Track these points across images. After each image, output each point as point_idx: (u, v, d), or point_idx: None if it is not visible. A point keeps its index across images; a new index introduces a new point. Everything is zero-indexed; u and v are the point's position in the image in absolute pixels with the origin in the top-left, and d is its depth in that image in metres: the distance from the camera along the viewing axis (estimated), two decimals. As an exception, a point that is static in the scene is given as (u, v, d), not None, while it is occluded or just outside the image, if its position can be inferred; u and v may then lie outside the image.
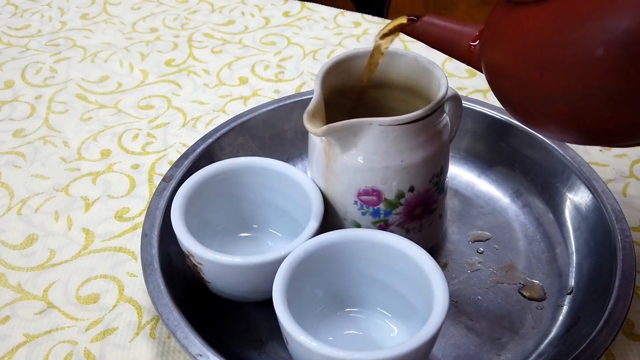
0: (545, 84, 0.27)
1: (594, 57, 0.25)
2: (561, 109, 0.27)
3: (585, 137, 0.28)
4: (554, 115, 0.28)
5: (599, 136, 0.28)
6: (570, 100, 0.26)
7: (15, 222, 0.48)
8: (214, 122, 0.56)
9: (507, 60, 0.29)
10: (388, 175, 0.38)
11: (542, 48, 0.27)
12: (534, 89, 0.28)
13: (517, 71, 0.28)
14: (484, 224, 0.47)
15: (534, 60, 0.27)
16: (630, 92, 0.25)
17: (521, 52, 0.28)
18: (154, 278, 0.38)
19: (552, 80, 0.27)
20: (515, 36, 0.28)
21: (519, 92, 0.29)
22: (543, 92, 0.27)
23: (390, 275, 0.38)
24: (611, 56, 0.24)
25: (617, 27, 0.24)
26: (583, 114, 0.27)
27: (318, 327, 0.38)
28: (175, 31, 0.69)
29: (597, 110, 0.26)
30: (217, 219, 0.43)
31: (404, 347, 0.32)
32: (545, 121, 0.29)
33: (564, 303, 0.41)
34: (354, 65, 0.41)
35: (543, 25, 0.27)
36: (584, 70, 0.25)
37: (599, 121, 0.27)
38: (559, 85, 0.26)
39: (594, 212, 0.43)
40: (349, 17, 0.71)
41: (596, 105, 0.26)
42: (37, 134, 0.56)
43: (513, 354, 0.39)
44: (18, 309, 0.42)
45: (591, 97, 0.26)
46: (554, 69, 0.26)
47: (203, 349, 0.35)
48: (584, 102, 0.26)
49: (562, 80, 0.26)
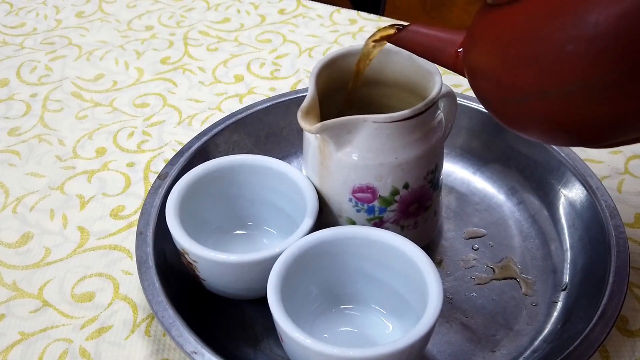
0: (521, 82, 0.27)
1: (565, 53, 0.25)
2: (538, 108, 0.27)
3: (566, 136, 0.28)
4: (531, 114, 0.28)
5: (579, 135, 0.28)
6: (546, 97, 0.26)
7: (11, 220, 0.48)
8: (210, 120, 0.56)
9: (484, 61, 0.29)
10: (382, 173, 0.38)
11: (515, 46, 0.27)
12: (510, 88, 0.28)
13: (493, 72, 0.29)
14: (479, 220, 0.47)
15: (508, 59, 0.27)
16: (603, 87, 0.25)
17: (496, 52, 0.28)
18: (149, 276, 0.38)
19: (526, 78, 0.27)
20: (490, 37, 0.28)
21: (497, 92, 0.29)
22: (519, 91, 0.27)
23: (385, 273, 0.38)
24: (581, 51, 0.25)
25: (586, 22, 0.24)
26: (559, 112, 0.27)
27: (313, 324, 0.39)
28: (171, 29, 0.69)
29: (572, 107, 0.26)
30: (212, 216, 0.43)
31: (399, 344, 0.32)
32: (524, 122, 0.29)
33: (558, 299, 0.41)
34: (349, 62, 0.41)
35: (515, 24, 0.27)
36: (557, 67, 0.26)
37: (576, 118, 0.27)
38: (533, 83, 0.27)
39: (588, 208, 0.43)
40: (345, 15, 0.71)
41: (571, 101, 0.26)
42: (32, 132, 0.56)
43: (508, 350, 0.39)
44: (13, 307, 0.42)
45: (566, 93, 0.26)
46: (527, 66, 0.27)
47: (198, 347, 0.35)
48: (559, 99, 0.26)
49: (536, 78, 0.26)
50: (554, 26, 0.25)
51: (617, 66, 0.24)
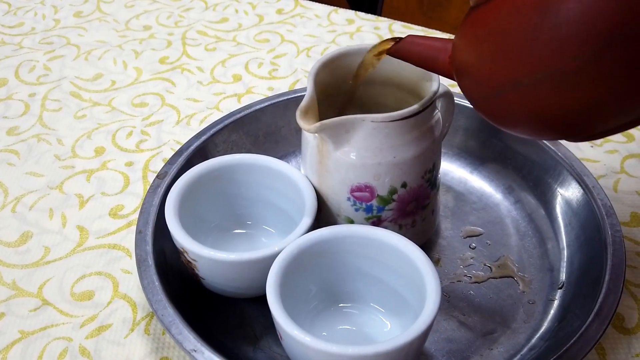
0: (495, 75, 0.28)
1: (532, 42, 0.26)
2: (513, 99, 0.28)
3: (545, 128, 0.29)
4: (508, 107, 0.29)
5: (556, 125, 0.28)
6: (518, 88, 0.27)
7: (10, 219, 0.48)
8: (208, 120, 0.57)
9: (465, 60, 0.31)
10: (380, 172, 0.38)
11: (487, 41, 0.28)
12: (487, 82, 0.29)
13: (472, 68, 0.30)
14: (476, 219, 0.47)
15: (483, 54, 0.29)
16: (569, 73, 0.26)
17: (474, 49, 0.30)
18: (149, 274, 0.39)
19: (499, 70, 0.28)
20: (469, 36, 0.30)
21: (477, 88, 0.30)
22: (494, 84, 0.29)
23: (383, 271, 0.38)
24: (546, 39, 0.26)
25: (548, 10, 0.25)
26: (533, 101, 0.28)
27: (312, 322, 0.39)
28: (169, 29, 0.69)
29: (544, 96, 0.27)
30: (211, 215, 0.44)
31: (397, 342, 0.32)
32: (505, 116, 0.30)
33: (555, 297, 0.42)
34: (347, 62, 0.41)
35: (488, 20, 0.28)
36: (525, 56, 0.27)
37: (549, 107, 0.27)
38: (506, 74, 0.28)
39: (584, 207, 0.43)
40: (343, 15, 0.71)
41: (542, 90, 0.27)
42: (31, 131, 0.56)
43: (505, 348, 0.39)
44: (13, 306, 0.42)
45: (536, 82, 0.27)
46: (499, 59, 0.28)
47: (197, 345, 0.35)
48: (531, 88, 0.27)
49: (508, 69, 0.28)
50: (520, 17, 0.26)
51: (580, 52, 0.25)
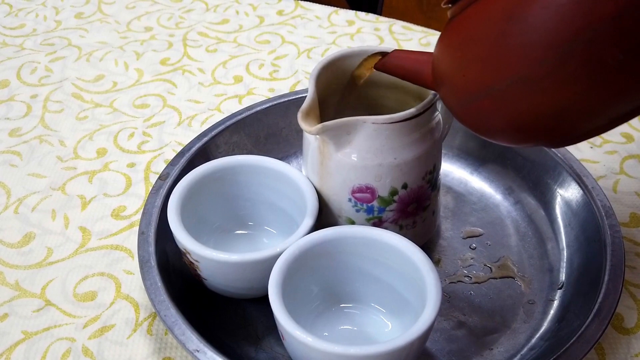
0: (468, 82, 0.29)
1: (501, 48, 0.27)
2: (486, 106, 0.29)
3: (521, 134, 0.29)
4: (483, 113, 0.29)
5: (532, 132, 0.29)
6: (491, 94, 0.28)
7: (12, 220, 0.48)
8: (209, 121, 0.57)
9: (442, 69, 0.31)
10: (381, 173, 0.38)
11: (460, 49, 0.29)
12: (461, 90, 0.30)
13: (448, 76, 0.31)
14: (476, 220, 0.47)
15: (457, 62, 0.29)
16: (538, 78, 0.26)
17: (448, 57, 0.30)
18: (151, 275, 0.39)
19: (472, 77, 0.29)
20: (445, 46, 0.31)
21: (453, 96, 0.31)
22: (468, 91, 0.29)
23: (384, 271, 0.39)
24: (513, 45, 0.26)
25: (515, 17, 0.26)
26: (506, 107, 0.28)
27: (313, 322, 0.39)
28: (170, 30, 0.69)
29: (515, 101, 0.28)
30: (213, 216, 0.44)
31: (397, 342, 0.32)
32: (480, 122, 0.30)
33: (554, 298, 0.42)
34: (348, 63, 0.41)
35: (460, 29, 0.29)
36: (495, 62, 0.27)
37: (521, 112, 0.28)
38: (478, 80, 0.28)
39: (584, 208, 0.44)
40: (343, 16, 0.71)
41: (513, 95, 0.27)
42: (33, 133, 0.56)
43: (505, 348, 0.40)
44: (16, 307, 0.42)
45: (506, 87, 0.27)
46: (472, 65, 0.29)
47: (200, 345, 0.35)
48: (502, 94, 0.28)
49: (480, 75, 0.28)
50: (489, 25, 0.27)
51: (546, 57, 0.26)
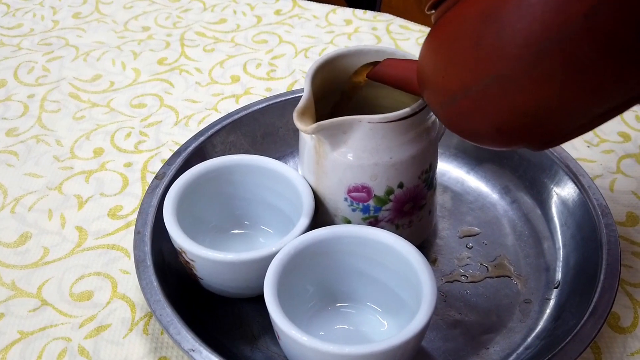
0: (447, 83, 0.29)
1: (478, 48, 0.27)
2: (465, 106, 0.29)
3: (501, 135, 0.30)
4: (462, 114, 0.30)
5: (511, 132, 0.29)
6: (469, 94, 0.28)
7: (9, 220, 0.48)
8: (206, 120, 0.57)
9: (424, 72, 0.32)
10: (377, 172, 0.38)
11: (440, 51, 0.30)
12: (442, 91, 0.30)
13: (430, 79, 0.31)
14: (473, 219, 0.47)
15: (437, 63, 0.30)
16: (515, 77, 0.27)
17: (430, 60, 0.31)
18: (147, 275, 0.39)
19: (451, 78, 0.29)
20: (427, 49, 0.31)
21: (435, 98, 0.31)
22: (448, 92, 0.30)
23: (380, 271, 0.39)
24: (490, 44, 0.27)
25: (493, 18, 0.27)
26: (484, 107, 0.29)
27: (309, 322, 0.39)
28: (168, 30, 0.69)
29: (493, 100, 0.28)
30: (209, 216, 0.44)
31: (393, 341, 0.32)
32: (461, 123, 0.31)
33: (550, 297, 0.42)
34: (344, 63, 0.41)
35: (441, 32, 0.30)
36: (472, 62, 0.28)
37: (500, 113, 0.28)
38: (457, 81, 0.29)
39: (580, 207, 0.44)
40: (341, 15, 0.71)
41: (491, 94, 0.28)
42: (30, 132, 0.56)
43: (501, 347, 0.40)
44: (12, 307, 0.42)
45: (484, 87, 0.28)
46: (450, 67, 0.29)
47: (196, 345, 0.35)
48: (480, 94, 0.28)
49: (458, 76, 0.29)
50: (466, 26, 0.28)
51: (521, 55, 0.26)
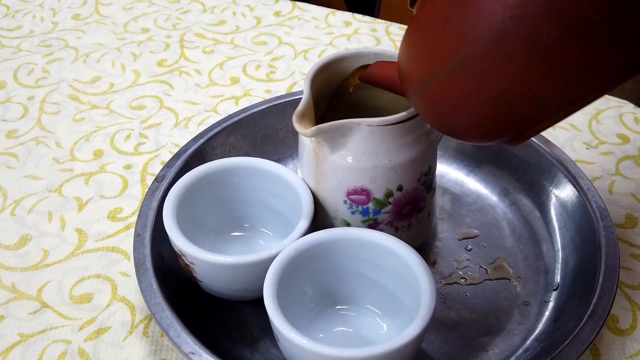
0: (418, 69, 0.30)
1: (444, 30, 0.28)
2: (435, 92, 0.30)
3: (472, 123, 0.30)
4: (433, 101, 0.30)
5: (480, 120, 0.29)
6: (438, 79, 0.29)
7: (9, 222, 0.48)
8: (206, 122, 0.57)
9: (401, 64, 0.32)
10: (376, 175, 0.38)
11: (412, 39, 0.31)
12: (414, 79, 0.31)
13: (405, 69, 0.32)
14: (472, 221, 0.47)
15: (409, 52, 0.31)
16: (479, 57, 0.27)
17: (404, 51, 0.31)
18: (147, 277, 0.39)
19: (421, 64, 0.30)
20: (403, 43, 0.32)
21: (410, 87, 0.32)
22: (419, 79, 0.30)
23: (379, 273, 0.39)
24: (455, 24, 0.28)
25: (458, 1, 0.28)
26: (452, 92, 0.29)
27: (309, 324, 0.39)
28: (167, 31, 0.70)
29: (460, 83, 0.28)
30: (209, 218, 0.44)
31: (393, 344, 0.32)
32: (432, 111, 0.31)
33: (550, 299, 0.42)
34: (344, 66, 0.41)
35: (413, 23, 0.31)
36: (439, 44, 0.28)
37: (467, 97, 0.29)
38: (426, 66, 0.29)
39: (579, 209, 0.44)
40: (340, 17, 0.71)
41: (457, 77, 0.28)
42: (30, 134, 0.56)
43: (500, 349, 0.40)
44: (12, 309, 0.42)
45: (451, 69, 0.28)
46: (420, 53, 0.30)
47: (195, 347, 0.35)
48: (448, 78, 0.29)
49: (427, 61, 0.29)
50: (434, 12, 0.29)
51: (484, 35, 0.26)
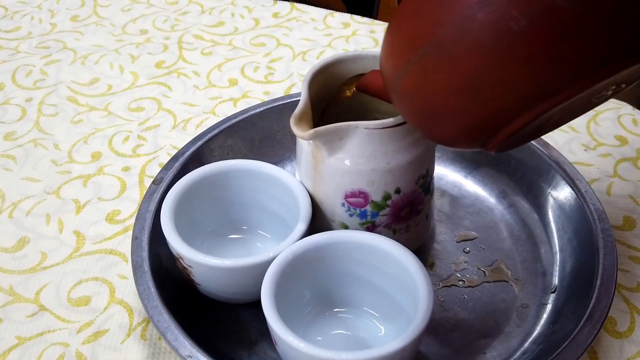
0: (393, 61, 0.31)
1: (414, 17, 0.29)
2: (408, 83, 0.30)
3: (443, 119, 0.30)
4: (406, 92, 0.31)
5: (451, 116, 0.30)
6: (410, 68, 0.29)
7: (7, 225, 0.48)
8: (204, 124, 0.57)
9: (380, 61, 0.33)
10: (374, 178, 0.38)
11: (389, 34, 0.31)
12: (390, 71, 0.31)
13: (383, 65, 0.32)
14: (470, 223, 0.47)
15: (386, 47, 0.31)
16: (448, 44, 0.28)
17: (382, 47, 0.32)
18: (145, 280, 0.39)
19: (395, 55, 0.30)
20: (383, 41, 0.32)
21: (386, 82, 0.32)
22: (393, 70, 0.31)
23: (377, 276, 0.39)
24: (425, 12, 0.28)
25: None
26: (422, 82, 0.29)
27: (306, 327, 0.39)
28: (165, 33, 0.69)
29: (430, 72, 0.29)
30: (207, 221, 0.44)
31: (391, 347, 0.32)
32: (405, 105, 0.32)
33: (547, 301, 0.42)
34: (342, 68, 0.41)
35: (391, 18, 0.31)
36: (410, 32, 0.29)
37: (437, 87, 0.29)
38: (399, 57, 0.30)
39: (577, 212, 0.44)
40: (338, 18, 0.71)
41: (428, 65, 0.29)
42: (28, 136, 0.56)
43: (498, 352, 0.40)
44: (10, 312, 0.42)
45: (421, 56, 0.29)
46: (394, 44, 0.30)
47: (193, 351, 0.35)
48: (419, 67, 0.29)
49: (400, 52, 0.30)
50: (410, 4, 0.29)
51: (452, 21, 0.27)
